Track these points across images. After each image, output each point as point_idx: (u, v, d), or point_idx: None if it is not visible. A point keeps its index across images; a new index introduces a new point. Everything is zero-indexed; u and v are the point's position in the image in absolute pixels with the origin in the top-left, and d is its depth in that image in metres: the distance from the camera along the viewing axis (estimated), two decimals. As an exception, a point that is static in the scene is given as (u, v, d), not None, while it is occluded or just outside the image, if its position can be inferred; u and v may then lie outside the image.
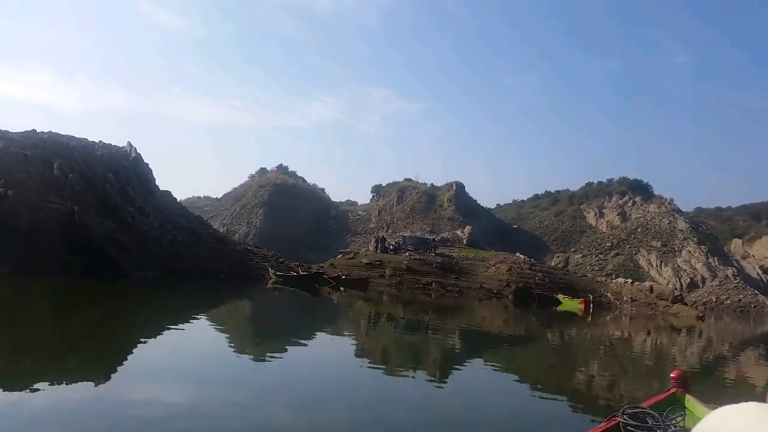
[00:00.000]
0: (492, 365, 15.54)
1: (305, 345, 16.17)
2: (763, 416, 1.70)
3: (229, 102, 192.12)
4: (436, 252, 51.48)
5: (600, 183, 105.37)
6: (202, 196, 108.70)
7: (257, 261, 37.63)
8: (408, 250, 51.00)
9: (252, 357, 13.32)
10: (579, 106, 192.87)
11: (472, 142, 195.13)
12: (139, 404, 8.18)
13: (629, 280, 53.07)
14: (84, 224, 25.71)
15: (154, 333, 15.29)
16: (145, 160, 37.12)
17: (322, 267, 44.89)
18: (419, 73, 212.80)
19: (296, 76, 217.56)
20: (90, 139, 34.33)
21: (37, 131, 30.41)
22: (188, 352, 12.99)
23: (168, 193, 38.71)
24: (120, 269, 25.98)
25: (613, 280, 54.31)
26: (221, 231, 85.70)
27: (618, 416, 5.53)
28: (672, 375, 7.11)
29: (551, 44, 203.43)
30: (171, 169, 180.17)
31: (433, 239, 56.66)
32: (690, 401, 6.56)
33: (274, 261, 39.59)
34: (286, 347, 14.97)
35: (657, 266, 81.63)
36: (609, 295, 48.23)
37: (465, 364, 15.74)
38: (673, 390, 6.81)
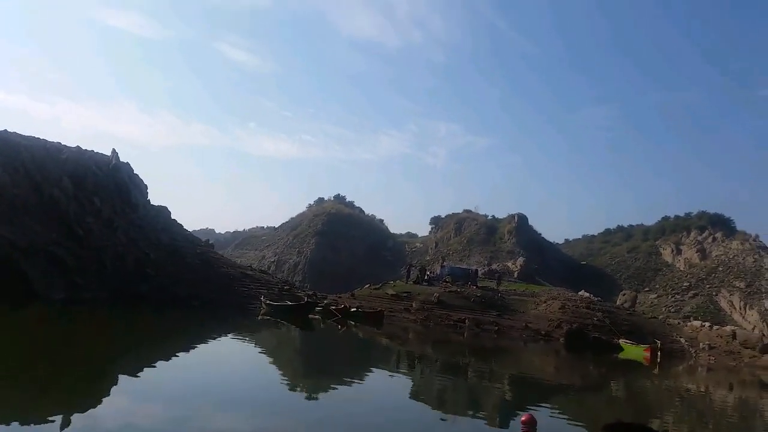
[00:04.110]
0: (556, 414, 13.96)
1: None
2: None
3: (300, 137, 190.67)
4: (478, 285, 43.18)
5: (677, 217, 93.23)
6: (265, 227, 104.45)
7: (253, 287, 30.90)
8: (445, 281, 43.02)
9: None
10: (655, 138, 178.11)
11: (540, 176, 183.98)
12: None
13: (706, 324, 42.55)
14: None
15: None
16: (134, 172, 31.51)
17: (341, 297, 37.76)
18: (486, 107, 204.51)
19: (365, 110, 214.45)
20: (66, 144, 29.03)
21: (-16, 129, 25.37)
22: None
23: (162, 209, 32.99)
24: (31, 289, 19.77)
25: (688, 323, 43.87)
26: (272, 260, 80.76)
27: None
28: (522, 419, 7.06)
29: (621, 77, 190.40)
30: (242, 200, 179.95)
31: (476, 270, 48.25)
32: None
33: (277, 288, 32.74)
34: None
35: (741, 309, 69.47)
36: (682, 340, 38.28)
37: (526, 410, 12.71)
38: None
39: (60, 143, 28.31)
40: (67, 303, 21.06)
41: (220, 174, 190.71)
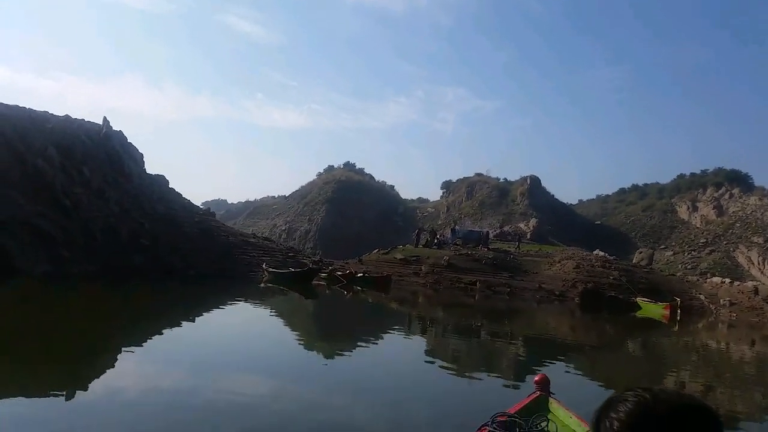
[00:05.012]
0: (573, 372, 13.61)
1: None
2: None
3: (308, 107, 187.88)
4: (490, 247, 41.52)
5: (693, 174, 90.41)
6: (276, 196, 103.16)
7: (256, 255, 29.50)
8: (456, 244, 41.41)
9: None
10: (667, 97, 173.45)
11: (551, 138, 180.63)
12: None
13: (727, 280, 40.63)
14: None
15: None
16: (129, 140, 29.93)
17: (348, 263, 36.39)
18: (493, 70, 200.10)
19: (371, 78, 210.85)
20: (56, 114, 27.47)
21: (-38, 97, 23.84)
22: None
23: (159, 178, 31.47)
24: (11, 264, 18.44)
25: (708, 280, 41.99)
26: (283, 228, 79.55)
27: (488, 425, 5.30)
28: (535, 379, 6.94)
29: (630, 36, 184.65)
30: (253, 171, 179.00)
31: (487, 232, 46.52)
32: (553, 404, 6.35)
33: (281, 255, 31.33)
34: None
35: (759, 264, 67.33)
36: (702, 297, 36.51)
37: (540, 369, 12.39)
38: (537, 394, 6.54)
39: (47, 112, 26.79)
40: (52, 278, 19.74)
41: (230, 146, 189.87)
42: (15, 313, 15.26)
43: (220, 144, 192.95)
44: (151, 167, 30.97)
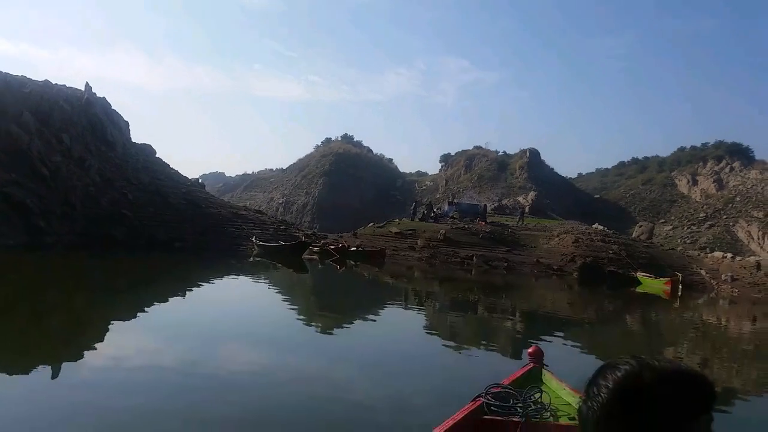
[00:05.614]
0: (569, 346, 13.25)
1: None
2: None
3: (307, 78, 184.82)
4: (488, 221, 40.37)
5: (693, 148, 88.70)
6: (274, 169, 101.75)
7: (245, 228, 28.35)
8: (452, 217, 40.27)
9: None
10: (668, 68, 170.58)
11: (552, 111, 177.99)
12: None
13: (729, 255, 39.54)
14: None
15: None
16: (113, 107, 28.54)
17: (341, 236, 35.31)
18: (496, 41, 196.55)
19: (371, 49, 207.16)
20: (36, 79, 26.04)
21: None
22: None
23: (145, 147, 30.17)
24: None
25: (709, 255, 40.91)
26: (281, 201, 78.38)
27: (483, 396, 5.30)
28: (529, 351, 6.93)
29: (633, 4, 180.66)
30: (250, 143, 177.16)
31: (485, 206, 45.35)
32: (546, 375, 6.43)
33: (272, 228, 30.18)
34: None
35: (759, 239, 66.18)
36: (702, 272, 35.48)
37: (535, 343, 11.18)
38: (530, 365, 6.60)
39: (24, 76, 25.39)
40: (27, 249, 18.62)
41: (228, 117, 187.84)
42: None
43: (219, 116, 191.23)
44: (148, 139, 30.01)
